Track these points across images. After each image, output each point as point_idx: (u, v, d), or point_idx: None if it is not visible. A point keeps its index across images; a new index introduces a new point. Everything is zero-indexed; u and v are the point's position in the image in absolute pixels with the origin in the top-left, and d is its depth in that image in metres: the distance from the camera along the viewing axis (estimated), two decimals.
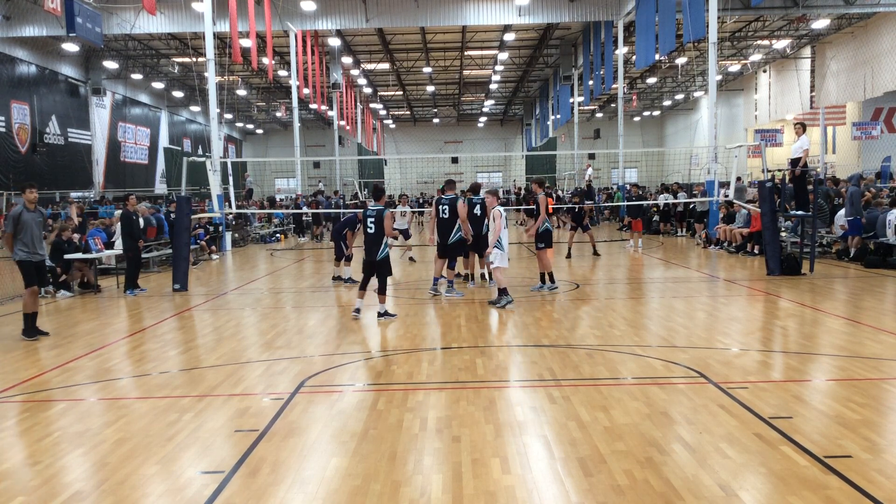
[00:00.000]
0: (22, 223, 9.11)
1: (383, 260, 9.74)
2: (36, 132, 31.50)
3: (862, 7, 26.44)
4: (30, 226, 9.16)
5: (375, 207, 9.82)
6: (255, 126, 60.82)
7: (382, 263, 9.75)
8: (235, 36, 24.19)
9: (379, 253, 9.67)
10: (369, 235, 9.76)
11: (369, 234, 9.75)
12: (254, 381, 6.85)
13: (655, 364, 7.14)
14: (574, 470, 4.51)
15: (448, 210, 11.72)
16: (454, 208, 11.68)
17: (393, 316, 9.84)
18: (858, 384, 6.23)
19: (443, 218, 11.78)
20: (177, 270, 13.49)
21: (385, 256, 9.75)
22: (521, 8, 28.54)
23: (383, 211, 9.71)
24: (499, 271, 10.73)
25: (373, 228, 9.70)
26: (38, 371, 7.46)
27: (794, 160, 14.40)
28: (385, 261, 9.78)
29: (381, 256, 9.70)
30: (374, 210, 9.76)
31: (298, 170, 34.26)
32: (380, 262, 9.72)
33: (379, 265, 9.73)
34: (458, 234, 11.77)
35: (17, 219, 9.11)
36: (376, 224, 9.68)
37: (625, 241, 21.54)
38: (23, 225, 9.11)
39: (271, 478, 4.51)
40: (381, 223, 9.65)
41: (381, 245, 9.68)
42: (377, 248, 9.68)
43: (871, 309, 9.83)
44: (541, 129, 50.48)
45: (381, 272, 9.76)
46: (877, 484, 4.20)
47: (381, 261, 9.72)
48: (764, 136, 34.98)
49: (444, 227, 11.77)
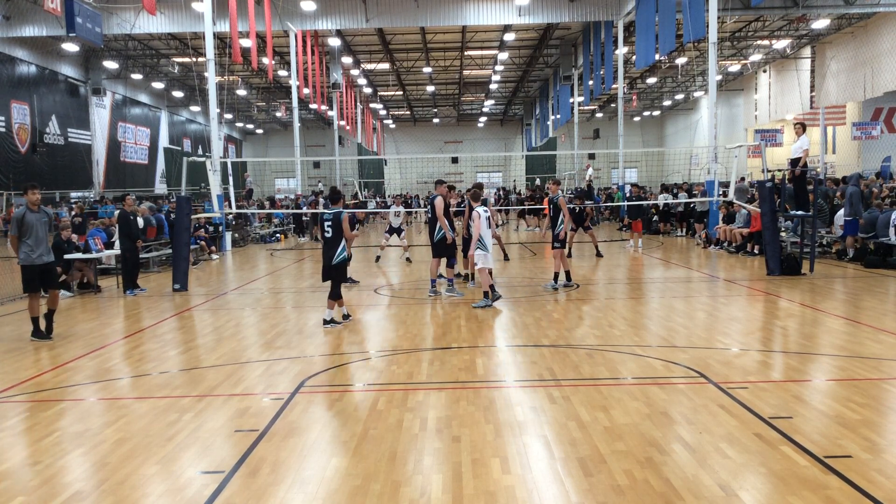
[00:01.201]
0: (26, 225, 8.93)
1: (339, 264, 9.42)
2: (36, 132, 31.51)
3: (862, 7, 26.45)
4: (35, 227, 8.97)
5: (332, 210, 9.51)
6: (255, 126, 60.84)
7: (337, 268, 9.43)
8: (235, 36, 24.19)
9: (335, 257, 9.36)
10: (326, 239, 9.43)
11: (326, 237, 9.42)
12: (254, 381, 6.85)
13: (655, 364, 7.14)
14: (574, 470, 4.51)
15: (432, 209, 11.76)
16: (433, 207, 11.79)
17: (339, 324, 9.41)
18: (858, 384, 6.22)
19: (430, 217, 11.86)
20: (177, 270, 13.48)
21: (341, 261, 9.42)
22: (521, 8, 28.54)
23: (340, 214, 9.37)
24: (482, 272, 10.70)
25: (330, 232, 9.35)
26: (38, 371, 7.46)
27: (793, 160, 14.40)
28: (340, 265, 9.46)
29: (337, 261, 9.38)
30: (332, 213, 9.43)
31: (298, 170, 34.26)
32: (335, 267, 9.39)
33: (334, 269, 9.41)
34: (442, 232, 11.76)
35: (21, 221, 8.94)
36: (333, 227, 9.33)
37: (625, 241, 21.54)
38: (27, 227, 8.93)
39: (271, 478, 4.50)
40: (338, 226, 9.31)
41: (336, 249, 9.35)
42: (333, 252, 9.36)
43: (871, 309, 9.83)
44: (541, 129, 50.49)
45: (335, 277, 9.43)
46: (877, 484, 4.20)
47: (337, 265, 9.40)
48: (764, 136, 35.01)
49: (431, 225, 11.88)
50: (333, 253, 9.38)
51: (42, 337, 9.05)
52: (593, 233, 18.72)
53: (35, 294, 9.12)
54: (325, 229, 9.46)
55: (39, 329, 9.10)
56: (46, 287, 9.27)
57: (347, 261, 9.83)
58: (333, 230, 9.37)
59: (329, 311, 9.46)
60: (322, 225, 9.52)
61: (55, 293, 9.29)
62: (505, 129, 65.40)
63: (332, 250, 9.38)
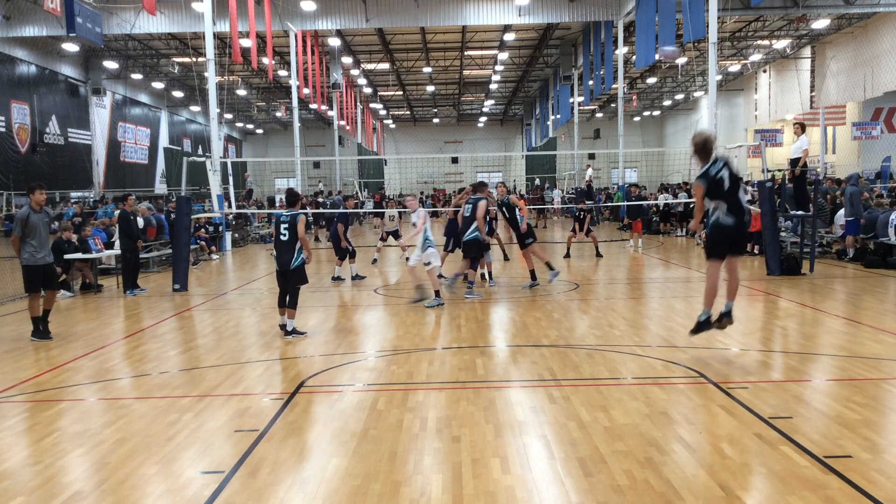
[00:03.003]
0: (30, 225, 8.92)
1: (296, 269, 8.81)
2: (36, 132, 31.51)
3: (862, 7, 26.44)
4: (38, 228, 8.98)
5: (290, 212, 8.91)
6: (255, 126, 60.82)
7: (295, 273, 8.82)
8: (235, 36, 24.19)
9: (292, 262, 8.78)
10: (282, 242, 8.81)
11: (281, 240, 8.80)
12: (254, 381, 6.85)
13: (655, 364, 7.14)
14: (574, 470, 4.51)
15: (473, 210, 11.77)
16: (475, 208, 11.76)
17: (302, 334, 8.85)
18: (858, 384, 6.22)
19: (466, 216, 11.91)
20: (177, 270, 13.48)
21: (299, 265, 8.82)
22: (521, 8, 28.53)
23: (297, 216, 8.78)
24: (432, 272, 10.73)
25: (286, 235, 8.76)
26: (38, 371, 7.46)
27: (793, 160, 14.40)
28: (297, 270, 8.83)
29: (295, 265, 8.80)
30: (288, 215, 8.86)
31: (298, 170, 34.21)
32: (293, 272, 8.79)
33: (292, 275, 8.80)
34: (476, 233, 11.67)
35: (25, 221, 8.91)
36: (289, 230, 8.75)
37: (625, 241, 21.54)
38: (31, 227, 8.92)
39: (271, 478, 4.50)
40: (293, 229, 8.73)
41: (293, 253, 8.78)
42: (290, 256, 8.77)
43: (871, 309, 9.83)
44: (541, 129, 50.48)
45: (293, 282, 8.82)
46: (877, 484, 4.20)
47: (294, 270, 8.80)
48: (764, 136, 35.00)
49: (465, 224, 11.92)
50: (291, 257, 8.76)
51: (42, 337, 9.05)
52: (594, 235, 18.72)
53: (36, 294, 9.10)
54: (280, 232, 8.81)
55: (40, 329, 9.10)
56: (46, 287, 9.25)
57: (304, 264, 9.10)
58: (290, 232, 8.75)
59: (290, 321, 8.85)
60: (278, 227, 8.89)
61: (53, 293, 9.30)
62: (505, 129, 65.37)
63: (290, 254, 8.76)
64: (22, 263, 9.06)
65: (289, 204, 9.27)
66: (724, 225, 7.28)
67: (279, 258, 8.90)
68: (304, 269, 8.93)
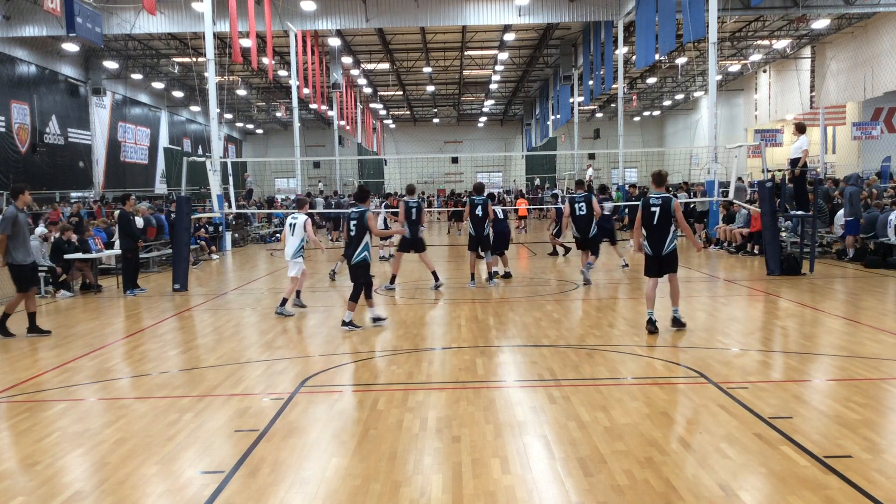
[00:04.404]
0: (18, 225, 9.08)
1: (357, 265, 9.11)
2: (36, 132, 31.49)
3: (862, 7, 26.44)
4: (24, 228, 9.16)
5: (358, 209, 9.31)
6: (255, 126, 60.82)
7: (356, 268, 9.13)
8: (235, 36, 24.19)
9: (355, 256, 9.08)
10: (350, 238, 9.23)
11: (351, 236, 9.23)
12: (254, 381, 6.85)
13: (655, 364, 7.14)
14: (574, 470, 4.51)
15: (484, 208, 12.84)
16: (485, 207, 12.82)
17: (358, 328, 9.15)
18: (858, 384, 6.22)
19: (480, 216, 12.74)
20: (177, 270, 13.48)
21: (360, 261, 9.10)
22: (521, 8, 28.53)
23: (365, 212, 9.18)
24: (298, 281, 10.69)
25: (354, 231, 9.17)
26: (38, 371, 7.46)
27: (793, 160, 14.40)
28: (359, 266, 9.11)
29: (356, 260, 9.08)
30: (357, 212, 9.26)
31: (298, 170, 34.24)
32: (353, 267, 9.14)
33: (353, 270, 9.16)
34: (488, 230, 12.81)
35: (14, 220, 9.04)
36: (357, 226, 9.15)
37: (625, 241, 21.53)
38: (19, 227, 9.08)
39: (271, 478, 4.50)
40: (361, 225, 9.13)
41: (358, 248, 9.07)
42: (353, 251, 9.12)
43: (871, 309, 9.83)
44: (541, 129, 50.49)
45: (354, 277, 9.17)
46: (877, 484, 4.20)
47: (355, 265, 9.11)
48: (764, 136, 34.99)
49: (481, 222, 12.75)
50: (353, 252, 9.14)
51: (40, 332, 9.18)
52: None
53: (31, 292, 9.26)
54: (350, 227, 9.27)
55: (36, 325, 9.23)
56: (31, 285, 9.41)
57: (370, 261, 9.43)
58: (357, 229, 9.16)
59: (349, 314, 9.21)
60: (348, 223, 9.36)
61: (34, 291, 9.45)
62: (505, 129, 65.37)
63: (353, 249, 9.14)
64: (13, 263, 9.14)
65: (358, 200, 9.63)
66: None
67: (346, 252, 9.40)
68: (368, 266, 9.21)
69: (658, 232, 8.38)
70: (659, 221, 8.34)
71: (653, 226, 8.39)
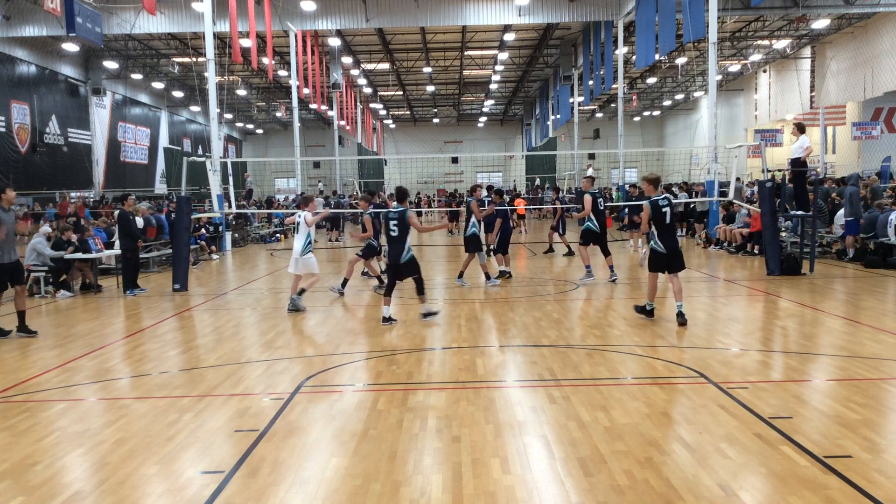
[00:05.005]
0: (3, 224, 8.96)
1: (407, 262, 9.47)
2: (36, 132, 31.50)
3: (862, 7, 26.44)
4: (7, 226, 9.02)
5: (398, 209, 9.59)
6: (255, 126, 60.81)
7: (407, 266, 9.51)
8: (235, 36, 24.18)
9: (402, 255, 9.43)
10: (392, 238, 9.55)
11: (392, 236, 9.55)
12: (254, 381, 6.85)
13: (655, 364, 7.14)
14: (574, 470, 4.51)
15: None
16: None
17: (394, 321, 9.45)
18: (858, 384, 6.22)
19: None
20: (177, 270, 13.48)
21: (409, 259, 9.46)
22: (521, 8, 28.53)
23: (405, 212, 9.47)
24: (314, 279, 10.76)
25: (396, 231, 9.45)
26: (38, 371, 7.46)
27: (793, 160, 14.39)
28: (409, 263, 9.49)
29: (406, 259, 9.45)
30: (397, 211, 9.54)
31: (298, 170, 34.24)
32: (404, 265, 9.48)
33: (404, 268, 9.51)
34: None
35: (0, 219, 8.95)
36: (399, 225, 9.45)
37: (625, 241, 21.54)
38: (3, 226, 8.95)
39: (271, 478, 4.50)
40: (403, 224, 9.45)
41: (403, 247, 9.43)
42: (400, 249, 9.43)
43: (871, 309, 9.83)
44: (541, 129, 50.48)
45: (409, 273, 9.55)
46: (877, 484, 4.20)
47: (405, 263, 9.47)
48: (764, 136, 34.98)
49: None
50: (401, 250, 9.43)
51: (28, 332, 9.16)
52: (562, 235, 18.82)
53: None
54: (391, 228, 9.48)
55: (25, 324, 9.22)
56: (15, 283, 9.25)
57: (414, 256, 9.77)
58: (399, 228, 9.43)
59: (424, 306, 9.60)
60: (387, 224, 9.56)
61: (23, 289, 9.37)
62: (505, 129, 65.36)
63: (400, 247, 9.44)
64: None
65: (398, 200, 9.81)
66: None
67: (390, 252, 9.60)
68: (416, 260, 9.65)
69: (670, 230, 9.10)
70: (671, 220, 9.06)
71: (666, 224, 9.02)
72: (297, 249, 10.73)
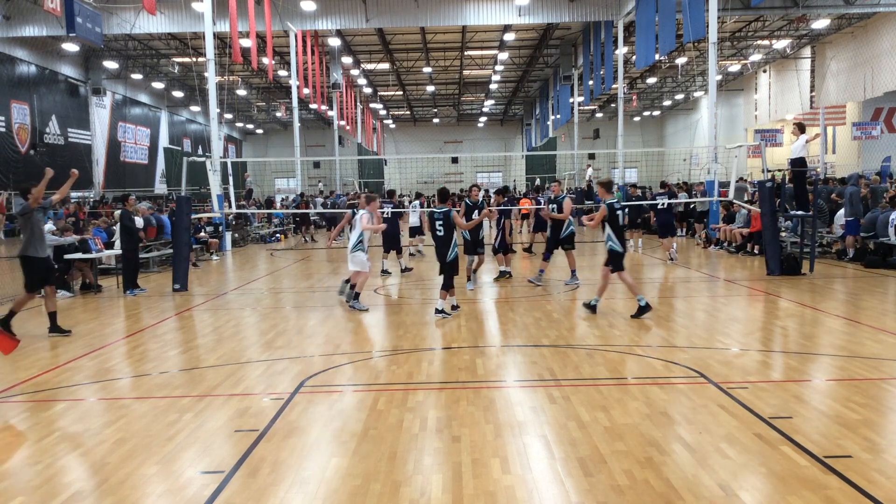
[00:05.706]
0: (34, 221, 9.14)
1: (451, 262, 9.83)
2: (36, 132, 31.49)
3: (862, 7, 26.45)
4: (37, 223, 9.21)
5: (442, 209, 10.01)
6: (255, 126, 60.82)
7: (451, 265, 9.85)
8: (235, 36, 24.19)
9: (449, 254, 9.82)
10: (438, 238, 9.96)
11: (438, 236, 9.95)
12: (254, 381, 6.85)
13: (655, 364, 7.14)
14: (574, 470, 4.51)
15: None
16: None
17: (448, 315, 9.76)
18: (858, 384, 6.22)
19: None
20: (177, 270, 13.48)
21: (453, 259, 9.82)
22: (521, 8, 28.54)
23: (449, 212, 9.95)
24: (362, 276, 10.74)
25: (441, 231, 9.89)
26: (38, 371, 7.46)
27: (793, 160, 14.39)
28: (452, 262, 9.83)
29: (451, 258, 9.82)
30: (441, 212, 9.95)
31: (298, 170, 34.27)
32: (449, 264, 9.83)
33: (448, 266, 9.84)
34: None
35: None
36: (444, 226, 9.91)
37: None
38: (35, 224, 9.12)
39: (271, 478, 4.50)
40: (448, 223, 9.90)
41: (450, 246, 9.83)
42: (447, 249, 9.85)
43: (871, 309, 9.83)
44: (541, 129, 50.48)
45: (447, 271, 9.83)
46: (877, 484, 4.20)
47: (450, 263, 9.82)
48: (764, 136, 34.99)
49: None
50: (447, 250, 9.83)
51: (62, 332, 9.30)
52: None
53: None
54: (436, 228, 9.90)
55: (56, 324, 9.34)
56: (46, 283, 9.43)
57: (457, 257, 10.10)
58: (445, 229, 9.85)
59: (441, 302, 9.78)
60: (433, 224, 9.96)
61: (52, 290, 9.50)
62: (505, 129, 65.37)
63: (446, 248, 9.84)
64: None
65: (441, 201, 10.18)
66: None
67: (437, 251, 10.02)
68: (458, 261, 10.05)
69: (623, 231, 9.88)
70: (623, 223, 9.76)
71: (621, 227, 9.70)
72: (349, 246, 10.80)
